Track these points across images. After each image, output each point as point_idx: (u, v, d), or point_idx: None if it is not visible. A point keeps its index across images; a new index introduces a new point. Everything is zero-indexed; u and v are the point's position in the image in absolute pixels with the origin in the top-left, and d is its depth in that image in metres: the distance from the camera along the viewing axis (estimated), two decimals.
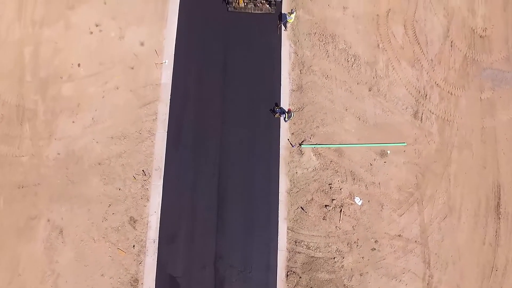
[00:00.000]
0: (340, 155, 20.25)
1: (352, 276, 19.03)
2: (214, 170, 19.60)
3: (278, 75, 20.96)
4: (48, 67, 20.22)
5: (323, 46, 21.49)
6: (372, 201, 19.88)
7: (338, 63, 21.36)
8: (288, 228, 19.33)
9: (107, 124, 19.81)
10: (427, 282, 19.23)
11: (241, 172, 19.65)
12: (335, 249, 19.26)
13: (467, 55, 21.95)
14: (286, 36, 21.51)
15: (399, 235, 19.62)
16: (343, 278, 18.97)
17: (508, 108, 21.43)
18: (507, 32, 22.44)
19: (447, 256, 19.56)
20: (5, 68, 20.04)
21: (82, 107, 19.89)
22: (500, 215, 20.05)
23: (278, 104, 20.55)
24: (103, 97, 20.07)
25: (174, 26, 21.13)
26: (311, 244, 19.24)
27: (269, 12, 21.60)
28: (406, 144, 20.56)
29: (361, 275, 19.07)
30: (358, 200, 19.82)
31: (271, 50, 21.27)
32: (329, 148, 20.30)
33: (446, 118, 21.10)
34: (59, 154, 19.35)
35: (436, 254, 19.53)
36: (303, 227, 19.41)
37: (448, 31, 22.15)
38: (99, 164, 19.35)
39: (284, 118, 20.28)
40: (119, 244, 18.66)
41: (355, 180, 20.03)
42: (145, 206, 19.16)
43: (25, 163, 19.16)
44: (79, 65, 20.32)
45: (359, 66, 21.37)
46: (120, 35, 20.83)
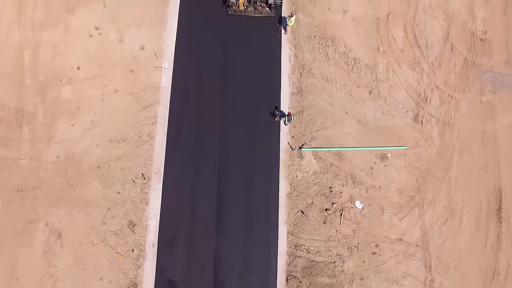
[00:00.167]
0: (340, 159, 20.17)
1: (352, 280, 18.88)
2: (214, 173, 19.50)
3: (278, 78, 20.93)
4: (48, 70, 20.18)
5: (323, 49, 21.47)
6: (372, 204, 19.78)
7: (338, 66, 21.33)
8: (288, 232, 19.21)
9: (106, 127, 19.74)
10: (428, 286, 19.09)
11: (241, 175, 19.56)
12: (336, 253, 19.14)
13: (468, 58, 21.92)
14: (286, 39, 21.50)
15: (400, 239, 19.50)
16: (343, 283, 18.83)
17: (508, 111, 21.36)
18: (507, 35, 22.42)
19: (448, 260, 19.43)
20: (4, 71, 19.99)
21: (82, 110, 19.84)
22: (502, 219, 19.94)
23: (278, 107, 20.49)
24: (102, 100, 20.02)
25: (174, 29, 21.12)
26: (311, 248, 19.12)
27: (269, 15, 21.60)
28: (406, 147, 20.49)
29: (361, 279, 18.93)
30: (358, 204, 19.72)
31: (271, 53, 21.24)
32: (329, 151, 20.23)
33: (446, 121, 21.04)
34: (58, 157, 19.27)
35: (437, 258, 19.40)
36: (303, 231, 19.30)
37: (448, 34, 22.14)
38: (98, 167, 19.26)
39: (284, 122, 20.22)
40: (118, 248, 18.54)
41: (356, 184, 19.94)
42: (144, 210, 19.06)
43: (24, 166, 19.07)
44: (78, 68, 20.29)
45: (359, 69, 21.33)
46: (119, 38, 20.81)
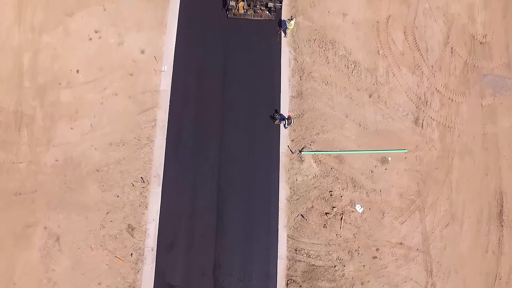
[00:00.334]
0: (340, 162, 20.08)
1: (353, 284, 18.74)
2: (213, 177, 19.41)
3: (278, 82, 20.89)
4: (47, 73, 20.13)
5: (323, 52, 21.44)
6: (373, 208, 19.67)
7: (338, 70, 21.29)
8: (288, 236, 19.09)
9: (105, 130, 19.67)
10: None
11: (240, 178, 19.46)
12: (336, 257, 19.01)
13: (468, 61, 21.90)
14: (286, 42, 21.48)
15: (401, 243, 19.37)
16: (344, 287, 18.68)
17: (509, 115, 21.31)
18: (507, 39, 22.42)
19: (449, 264, 19.30)
20: (3, 74, 19.94)
21: (81, 113, 19.77)
22: (503, 223, 19.83)
23: (278, 110, 20.43)
24: (102, 103, 19.96)
25: (174, 32, 21.10)
26: (312, 252, 19.00)
27: (268, 18, 21.60)
28: (407, 150, 20.41)
29: (362, 283, 18.79)
30: (359, 208, 19.61)
31: (271, 56, 21.22)
32: (329, 155, 20.14)
33: (447, 125, 20.98)
34: (57, 160, 19.17)
35: (438, 262, 19.27)
36: (303, 235, 19.18)
37: (448, 37, 22.12)
38: (97, 171, 19.16)
39: (284, 125, 20.15)
40: (117, 252, 18.41)
41: (356, 187, 19.84)
42: (143, 214, 18.95)
43: (22, 169, 18.98)
44: (78, 71, 20.24)
45: (359, 72, 21.29)
46: (119, 41, 20.78)
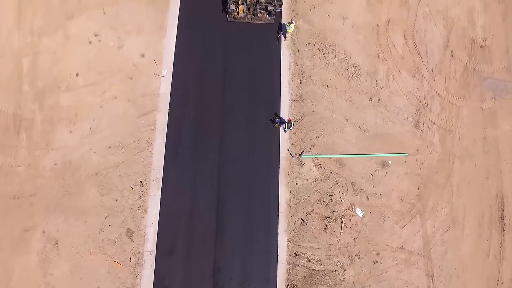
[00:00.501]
0: (340, 166, 20.00)
1: None
2: (213, 181, 19.32)
3: (278, 85, 20.85)
4: (46, 76, 20.09)
5: (323, 56, 21.42)
6: (373, 212, 19.57)
7: (338, 73, 21.26)
8: (288, 240, 18.97)
9: (105, 134, 19.60)
10: None
11: (240, 182, 19.37)
12: (336, 261, 18.88)
13: (468, 65, 21.88)
14: (286, 46, 21.47)
15: (402, 247, 19.25)
16: None
17: (510, 118, 21.26)
18: (507, 42, 22.41)
19: (450, 268, 19.17)
20: (3, 77, 19.89)
21: (80, 116, 19.70)
22: (505, 227, 19.72)
23: (277, 114, 20.38)
24: (101, 107, 19.90)
25: (174, 36, 21.08)
26: (312, 256, 18.86)
27: (268, 22, 21.59)
28: (407, 154, 20.33)
29: None
30: (359, 212, 19.50)
31: (270, 60, 21.18)
32: (329, 158, 20.06)
33: (447, 128, 20.91)
34: (55, 164, 19.09)
35: (439, 266, 19.14)
36: (303, 239, 19.06)
37: (448, 41, 22.11)
38: (96, 174, 19.07)
39: (284, 129, 20.08)
40: (116, 257, 18.28)
41: (356, 191, 19.74)
42: (142, 218, 18.84)
43: (21, 173, 18.88)
44: (77, 74, 20.20)
45: (359, 76, 21.26)
46: (119, 44, 20.76)
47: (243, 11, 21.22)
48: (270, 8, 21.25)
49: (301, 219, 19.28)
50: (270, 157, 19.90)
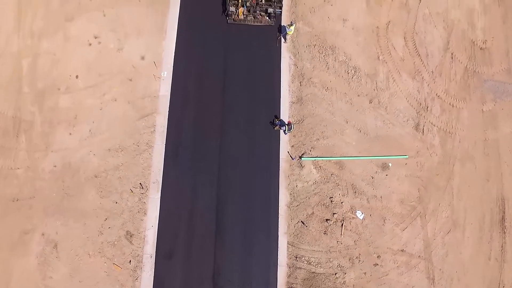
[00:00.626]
0: (341, 168, 19.93)
1: None
2: (212, 183, 19.25)
3: (278, 87, 20.81)
4: (46, 78, 20.07)
5: (323, 58, 21.40)
6: (374, 215, 19.49)
7: (338, 75, 21.23)
8: (288, 243, 18.89)
9: (104, 136, 19.55)
10: None
11: (240, 185, 19.31)
12: (337, 264, 18.79)
13: (468, 67, 21.85)
14: (285, 48, 21.44)
15: (402, 250, 19.16)
16: None
17: (510, 120, 21.20)
18: (507, 44, 22.39)
19: (451, 271, 19.07)
20: (2, 79, 19.88)
21: (80, 119, 19.67)
22: (506, 229, 19.63)
23: (278, 116, 20.33)
24: (101, 109, 19.87)
25: (173, 38, 21.08)
26: (312, 259, 18.78)
27: (268, 24, 21.58)
28: (408, 156, 20.27)
29: None
30: (359, 214, 19.43)
31: (270, 62, 21.16)
32: (329, 161, 20.00)
33: (448, 130, 20.86)
34: (55, 166, 19.03)
35: (440, 269, 19.05)
36: (303, 242, 18.97)
37: (448, 43, 22.10)
38: (96, 177, 19.01)
39: (284, 131, 20.02)
40: (115, 259, 18.20)
41: (357, 194, 19.67)
42: (142, 220, 18.76)
43: (20, 175, 18.83)
44: (77, 76, 20.18)
45: (360, 78, 21.23)
46: (119, 47, 20.75)
47: (243, 13, 21.21)
48: (270, 10, 21.24)
49: (301, 221, 19.20)
50: (270, 159, 19.84)
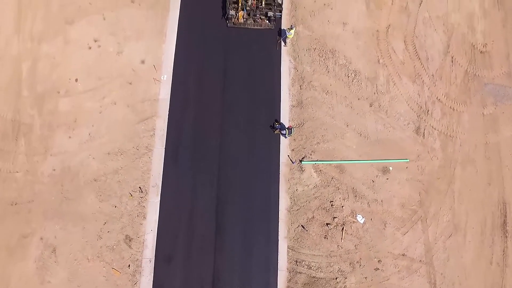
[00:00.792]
0: (341, 172, 19.85)
1: None
2: (212, 187, 19.16)
3: (278, 91, 20.77)
4: (46, 82, 20.02)
5: (323, 61, 21.37)
6: (374, 219, 19.38)
7: (339, 79, 21.20)
8: (288, 247, 18.77)
9: (104, 139, 19.48)
10: None
11: (240, 189, 19.21)
12: (337, 269, 18.66)
13: (468, 70, 21.83)
14: (286, 51, 21.43)
15: (403, 254, 19.03)
16: None
17: (511, 124, 21.14)
18: (507, 48, 22.39)
19: (453, 276, 18.94)
20: (1, 83, 19.83)
21: (79, 122, 19.61)
22: (507, 233, 19.51)
23: (278, 120, 20.27)
24: (100, 112, 19.81)
25: (173, 41, 21.07)
26: (312, 263, 18.65)
27: (268, 27, 21.57)
28: (408, 160, 20.20)
29: None
30: (360, 218, 19.32)
31: (270, 65, 21.14)
32: (330, 164, 19.92)
33: (448, 134, 20.80)
34: (54, 170, 18.95)
35: (441, 274, 18.91)
36: (304, 246, 18.86)
37: (448, 46, 22.09)
38: (95, 180, 18.92)
39: (284, 135, 19.93)
40: (114, 264, 18.07)
41: (357, 198, 19.58)
42: (141, 224, 18.65)
43: (19, 179, 18.73)
44: (76, 80, 20.14)
45: (360, 81, 21.19)
46: (118, 50, 20.72)
47: (243, 16, 21.21)
48: (270, 13, 21.25)
49: (301, 225, 19.09)
50: (270, 163, 19.76)
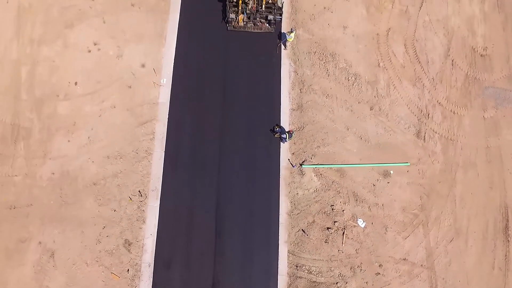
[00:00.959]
0: (342, 176, 19.74)
1: None
2: (212, 191, 19.05)
3: (278, 94, 20.71)
4: (45, 85, 19.98)
5: (323, 65, 21.33)
6: (375, 223, 19.25)
7: (339, 82, 21.14)
8: (288, 252, 18.63)
9: (103, 143, 19.40)
10: None
11: (240, 193, 19.11)
12: (338, 273, 18.50)
13: (469, 73, 21.77)
14: (286, 55, 21.39)
15: (404, 259, 18.89)
16: None
17: None
18: (507, 51, 22.34)
19: (455, 281, 18.79)
20: (1, 86, 19.80)
21: (78, 126, 19.54)
22: (509, 238, 19.37)
23: (278, 123, 20.19)
24: (99, 116, 19.74)
25: (173, 45, 21.04)
26: (313, 268, 18.50)
27: (268, 31, 21.56)
28: (409, 164, 20.09)
29: None
30: (361, 222, 19.19)
31: (270, 69, 21.10)
32: (330, 168, 19.82)
33: (449, 138, 20.71)
34: (53, 174, 18.85)
35: (443, 279, 18.75)
36: (304, 251, 18.72)
37: (448, 50, 22.05)
38: (94, 184, 18.82)
39: (284, 139, 19.80)
40: (113, 268, 17.94)
41: (358, 201, 19.46)
42: (140, 229, 18.53)
43: (17, 183, 18.64)
44: (76, 83, 20.10)
45: (360, 85, 21.14)
46: (118, 53, 20.69)
47: (243, 20, 21.20)
48: (270, 17, 21.23)
49: (302, 230, 18.96)
50: (271, 167, 19.66)
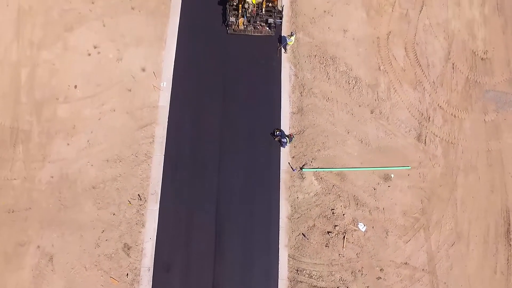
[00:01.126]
0: (342, 179, 19.65)
1: None
2: (212, 194, 18.96)
3: (278, 98, 20.67)
4: (44, 88, 19.93)
5: (324, 68, 21.31)
6: (376, 227, 19.15)
7: (339, 86, 21.11)
8: (289, 256, 18.52)
9: (103, 146, 19.33)
10: None
11: (240, 197, 19.02)
12: (339, 278, 18.38)
13: (469, 77, 21.75)
14: (286, 58, 21.37)
15: (406, 263, 18.77)
16: None
17: None
18: (508, 55, 22.34)
19: (456, 285, 18.66)
20: (0, 89, 19.72)
21: (78, 129, 19.47)
22: (511, 242, 19.25)
23: (278, 127, 20.12)
24: (99, 119, 19.68)
25: (173, 48, 21.03)
26: (314, 272, 18.38)
27: (268, 34, 21.54)
28: (410, 167, 20.02)
29: None
30: (362, 226, 19.09)
31: (271, 72, 21.08)
32: (331, 172, 19.74)
33: (450, 141, 20.65)
34: (52, 177, 18.76)
35: (445, 283, 18.63)
36: (304, 255, 18.60)
37: (449, 53, 22.04)
38: (93, 188, 18.73)
39: (285, 143, 19.69)
40: (112, 273, 17.81)
41: (359, 205, 19.36)
42: (140, 232, 18.42)
43: (16, 186, 18.54)
44: (75, 86, 20.05)
45: (360, 88, 21.10)
46: (118, 57, 20.66)
47: (243, 23, 21.19)
48: (270, 20, 21.21)
49: (302, 234, 18.85)
50: (271, 170, 19.58)
